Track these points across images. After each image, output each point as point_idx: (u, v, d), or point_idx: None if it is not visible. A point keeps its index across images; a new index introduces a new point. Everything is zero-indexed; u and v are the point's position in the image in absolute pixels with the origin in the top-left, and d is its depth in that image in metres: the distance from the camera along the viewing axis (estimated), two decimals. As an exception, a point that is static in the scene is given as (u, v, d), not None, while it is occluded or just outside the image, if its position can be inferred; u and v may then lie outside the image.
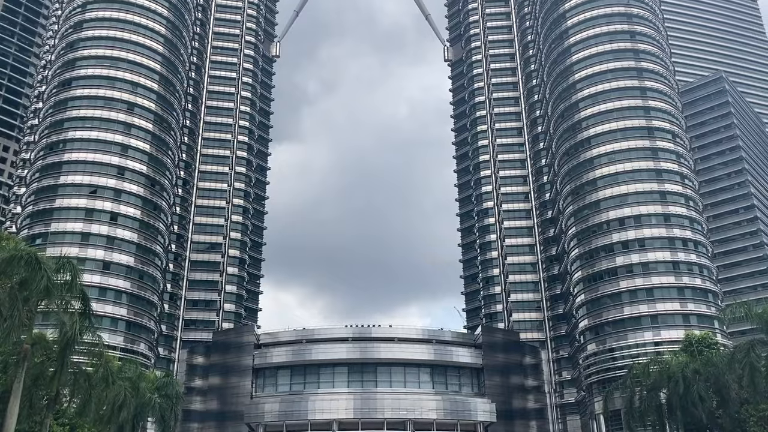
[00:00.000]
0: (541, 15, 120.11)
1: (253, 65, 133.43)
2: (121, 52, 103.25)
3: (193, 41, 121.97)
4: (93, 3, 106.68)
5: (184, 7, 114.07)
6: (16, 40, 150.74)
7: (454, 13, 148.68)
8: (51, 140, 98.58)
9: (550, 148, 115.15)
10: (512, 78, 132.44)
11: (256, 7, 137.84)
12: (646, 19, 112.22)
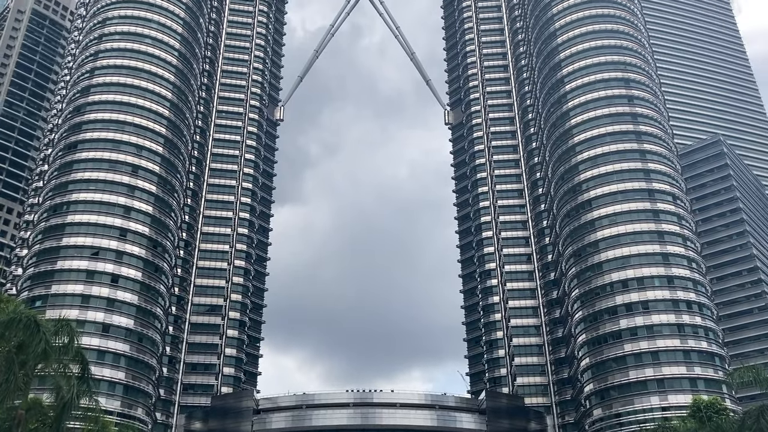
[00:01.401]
0: (540, 80, 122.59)
1: (257, 128, 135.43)
2: (127, 116, 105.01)
3: (199, 105, 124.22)
4: (101, 69, 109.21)
5: (190, 73, 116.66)
6: (25, 104, 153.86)
7: (454, 78, 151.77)
8: (55, 202, 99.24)
9: (551, 210, 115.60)
10: (512, 141, 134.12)
11: (260, 73, 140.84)
12: (643, 83, 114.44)
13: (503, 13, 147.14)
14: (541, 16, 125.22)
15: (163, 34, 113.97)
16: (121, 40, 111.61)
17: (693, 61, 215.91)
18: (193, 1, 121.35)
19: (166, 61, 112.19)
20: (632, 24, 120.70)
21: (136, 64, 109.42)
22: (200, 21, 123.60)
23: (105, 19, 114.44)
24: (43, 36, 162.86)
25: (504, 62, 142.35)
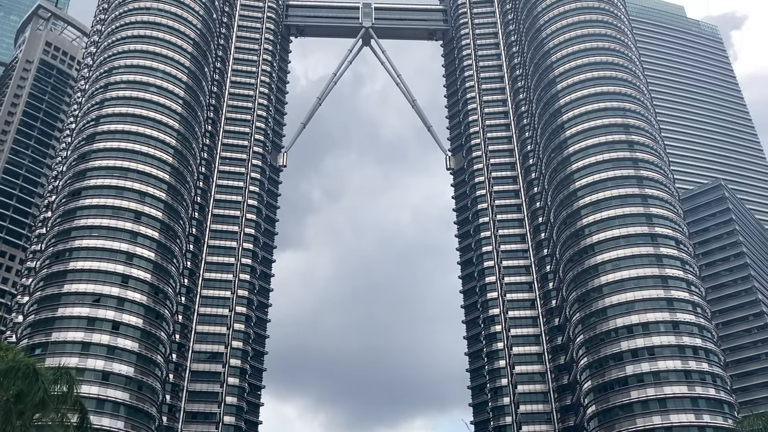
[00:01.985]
0: (540, 126, 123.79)
1: (260, 174, 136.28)
2: (131, 163, 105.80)
3: (202, 152, 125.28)
4: (106, 117, 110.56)
5: (194, 120, 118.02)
6: (30, 152, 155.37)
7: (455, 124, 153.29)
8: (57, 249, 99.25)
9: (554, 255, 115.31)
10: (514, 186, 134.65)
11: (264, 120, 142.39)
12: (643, 129, 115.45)
13: (503, 61, 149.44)
14: (540, 64, 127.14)
15: (168, 83, 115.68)
16: (127, 89, 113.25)
17: (692, 106, 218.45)
18: (198, 51, 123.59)
19: (171, 109, 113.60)
20: (631, 71, 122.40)
21: (140, 111, 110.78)
22: (205, 70, 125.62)
23: (111, 69, 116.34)
24: (50, 85, 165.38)
25: (504, 108, 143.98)
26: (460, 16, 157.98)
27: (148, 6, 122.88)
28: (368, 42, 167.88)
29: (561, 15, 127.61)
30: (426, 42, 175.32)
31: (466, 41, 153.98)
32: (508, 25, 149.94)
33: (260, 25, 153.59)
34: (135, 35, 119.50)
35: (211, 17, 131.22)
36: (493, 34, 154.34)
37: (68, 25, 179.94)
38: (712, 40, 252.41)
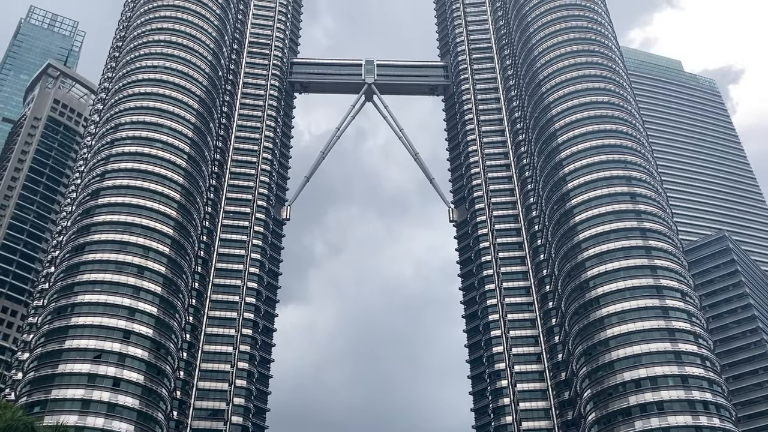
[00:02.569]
0: (542, 178, 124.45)
1: (263, 228, 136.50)
2: (135, 218, 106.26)
3: (207, 206, 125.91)
4: (111, 172, 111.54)
5: (199, 175, 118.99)
6: (36, 207, 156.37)
7: (457, 177, 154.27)
8: (59, 304, 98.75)
9: (560, 307, 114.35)
10: (517, 238, 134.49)
11: (268, 174, 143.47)
12: (645, 181, 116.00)
13: (503, 115, 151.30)
14: (540, 118, 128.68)
15: (174, 139, 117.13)
16: (132, 145, 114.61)
17: (692, 158, 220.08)
18: (203, 108, 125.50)
19: (176, 164, 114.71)
20: (631, 124, 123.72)
21: (146, 167, 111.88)
22: (210, 126, 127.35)
23: (117, 125, 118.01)
24: (57, 141, 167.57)
25: (506, 161, 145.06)
26: (460, 72, 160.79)
27: (156, 64, 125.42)
28: (371, 97, 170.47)
29: (560, 70, 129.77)
30: (427, 97, 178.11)
31: (467, 96, 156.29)
32: (508, 80, 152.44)
33: (265, 82, 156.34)
34: (142, 92, 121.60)
35: (216, 75, 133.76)
36: (493, 89, 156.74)
37: (76, 83, 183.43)
38: (711, 94, 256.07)
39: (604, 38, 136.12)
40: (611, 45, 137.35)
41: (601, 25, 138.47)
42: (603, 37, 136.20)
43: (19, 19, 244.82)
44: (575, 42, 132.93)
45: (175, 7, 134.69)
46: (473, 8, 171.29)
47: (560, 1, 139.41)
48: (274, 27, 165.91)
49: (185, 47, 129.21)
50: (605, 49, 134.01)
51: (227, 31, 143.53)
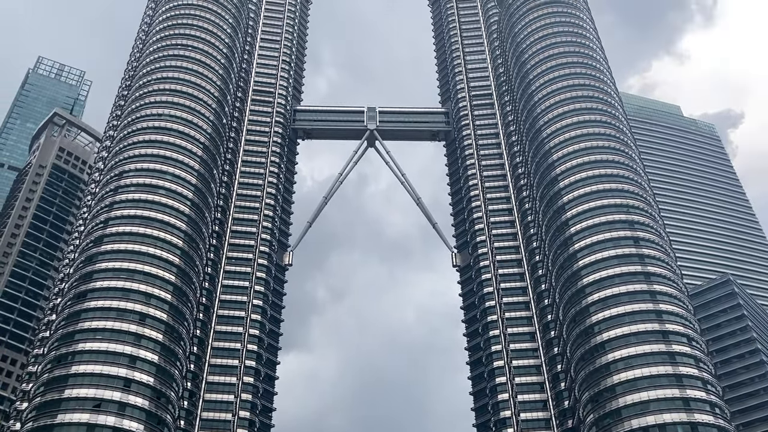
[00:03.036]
0: (545, 222, 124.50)
1: (266, 274, 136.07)
2: (138, 264, 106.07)
3: (209, 252, 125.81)
4: (114, 219, 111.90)
5: (201, 221, 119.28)
6: (38, 254, 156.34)
7: (459, 221, 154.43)
8: (60, 352, 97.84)
9: (565, 353, 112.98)
10: (521, 283, 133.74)
11: (271, 220, 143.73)
12: (648, 225, 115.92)
13: (505, 160, 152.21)
14: (541, 162, 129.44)
15: (178, 186, 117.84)
16: (136, 191, 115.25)
17: (694, 202, 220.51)
18: (207, 155, 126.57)
19: (179, 210, 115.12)
20: (632, 168, 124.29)
21: (149, 213, 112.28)
22: (214, 173, 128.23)
23: (122, 172, 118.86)
24: (61, 189, 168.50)
25: (508, 206, 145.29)
26: (461, 118, 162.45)
27: (160, 113, 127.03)
28: (373, 143, 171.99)
29: (560, 116, 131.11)
30: (429, 142, 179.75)
31: (468, 141, 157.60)
32: (508, 125, 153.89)
33: (268, 129, 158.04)
34: (146, 140, 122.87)
35: (220, 122, 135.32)
36: (494, 134, 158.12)
37: (82, 131, 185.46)
38: (710, 138, 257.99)
39: (602, 84, 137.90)
40: (610, 91, 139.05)
41: (599, 71, 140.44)
42: (602, 83, 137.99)
43: (27, 70, 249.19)
44: (574, 88, 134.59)
45: (181, 57, 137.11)
46: (473, 56, 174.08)
47: (559, 49, 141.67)
48: (277, 75, 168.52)
49: (190, 96, 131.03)
50: (604, 95, 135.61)
51: (231, 80, 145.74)
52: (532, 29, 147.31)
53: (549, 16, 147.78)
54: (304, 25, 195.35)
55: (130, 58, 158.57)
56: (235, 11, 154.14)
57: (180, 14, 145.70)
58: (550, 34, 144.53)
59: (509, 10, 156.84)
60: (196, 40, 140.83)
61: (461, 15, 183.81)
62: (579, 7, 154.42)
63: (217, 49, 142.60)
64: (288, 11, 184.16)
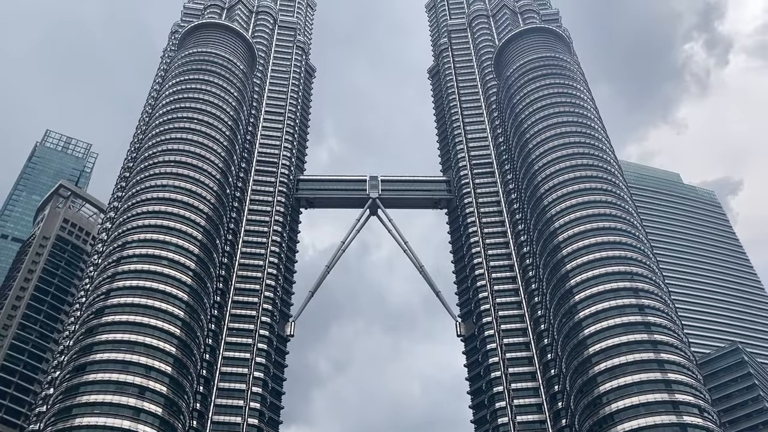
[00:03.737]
0: (549, 290, 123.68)
1: (267, 346, 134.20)
2: (138, 336, 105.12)
3: (210, 323, 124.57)
4: (116, 290, 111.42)
5: (204, 292, 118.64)
6: (39, 327, 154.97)
7: (463, 290, 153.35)
8: (56, 428, 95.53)
9: (573, 426, 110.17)
10: (527, 353, 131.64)
11: (273, 289, 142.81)
12: (653, 293, 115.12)
13: (507, 228, 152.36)
14: (544, 230, 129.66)
15: (180, 256, 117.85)
16: (139, 263, 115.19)
17: (698, 270, 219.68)
18: (210, 225, 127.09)
19: (181, 281, 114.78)
20: (634, 235, 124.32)
21: (151, 284, 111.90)
22: (216, 243, 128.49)
23: (125, 243, 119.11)
24: (64, 260, 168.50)
25: (512, 274, 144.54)
26: (463, 186, 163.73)
27: (164, 183, 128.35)
28: (375, 212, 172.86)
29: (561, 184, 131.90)
30: (431, 210, 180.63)
31: (470, 209, 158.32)
32: (510, 193, 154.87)
33: (272, 198, 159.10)
34: (150, 211, 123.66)
35: (224, 193, 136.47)
36: (495, 202, 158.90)
37: (86, 203, 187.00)
38: (711, 205, 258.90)
39: (602, 152, 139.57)
40: (609, 159, 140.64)
41: (598, 139, 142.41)
42: (601, 151, 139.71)
43: (35, 143, 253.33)
44: (574, 156, 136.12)
45: (186, 129, 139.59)
46: (473, 125, 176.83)
47: (558, 119, 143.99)
48: (281, 146, 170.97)
49: (194, 167, 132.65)
50: (604, 163, 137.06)
51: (236, 151, 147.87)
52: (530, 100, 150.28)
53: (547, 87, 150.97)
54: (308, 96, 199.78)
55: (137, 130, 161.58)
56: (241, 85, 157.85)
57: (187, 88, 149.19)
58: (548, 104, 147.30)
59: (507, 81, 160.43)
60: (202, 113, 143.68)
61: (460, 86, 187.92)
62: (575, 78, 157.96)
63: (223, 121, 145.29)
64: (292, 84, 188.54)
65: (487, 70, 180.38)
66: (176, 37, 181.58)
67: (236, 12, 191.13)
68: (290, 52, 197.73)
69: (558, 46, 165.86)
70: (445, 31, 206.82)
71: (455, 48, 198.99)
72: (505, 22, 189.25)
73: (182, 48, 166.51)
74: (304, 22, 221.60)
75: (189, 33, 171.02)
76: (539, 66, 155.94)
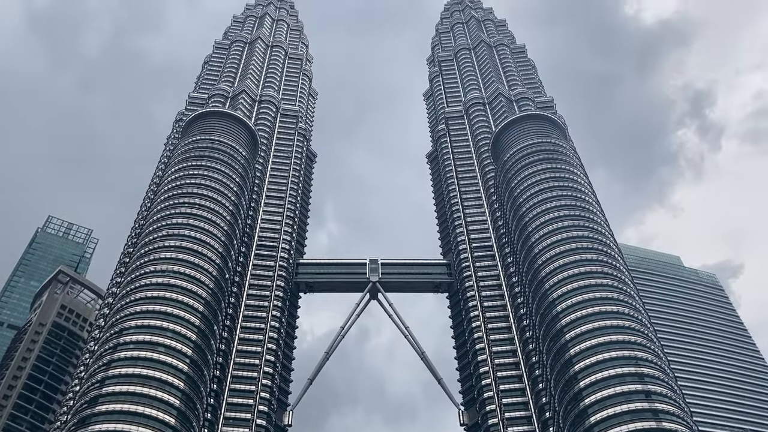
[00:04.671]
0: (553, 377, 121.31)
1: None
2: (132, 426, 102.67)
3: (206, 413, 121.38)
4: (111, 378, 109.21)
5: (200, 380, 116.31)
6: (30, 417, 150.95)
7: (466, 376, 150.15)
8: None
9: None
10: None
11: (271, 377, 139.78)
12: (659, 378, 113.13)
13: (509, 312, 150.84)
14: (546, 314, 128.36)
15: (177, 342, 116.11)
16: (135, 349, 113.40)
17: (704, 354, 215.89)
18: (208, 310, 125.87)
19: (178, 368, 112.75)
20: (637, 319, 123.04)
21: (147, 372, 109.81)
22: (214, 329, 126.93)
23: (122, 330, 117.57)
24: (59, 347, 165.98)
25: (515, 360, 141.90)
26: (463, 270, 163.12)
27: (164, 269, 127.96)
28: (375, 296, 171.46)
29: (561, 267, 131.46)
30: (430, 294, 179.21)
31: (471, 293, 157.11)
32: (510, 277, 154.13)
33: (271, 283, 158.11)
34: (148, 296, 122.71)
35: (224, 278, 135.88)
36: (496, 286, 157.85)
37: (85, 288, 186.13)
38: (713, 288, 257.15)
39: (601, 235, 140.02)
40: (609, 242, 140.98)
41: (597, 223, 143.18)
42: (601, 234, 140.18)
43: (36, 228, 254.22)
44: (574, 240, 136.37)
45: (187, 214, 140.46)
46: (472, 208, 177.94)
47: (556, 203, 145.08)
48: (281, 230, 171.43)
49: (194, 252, 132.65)
50: (604, 246, 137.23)
51: (236, 236, 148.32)
52: (528, 183, 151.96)
53: (544, 171, 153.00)
54: (308, 181, 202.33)
55: (138, 216, 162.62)
56: (243, 171, 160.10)
57: (189, 174, 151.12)
58: (547, 188, 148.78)
59: (505, 165, 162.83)
60: (204, 198, 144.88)
61: (459, 170, 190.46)
62: (572, 162, 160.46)
63: (224, 206, 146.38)
64: (293, 169, 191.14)
65: (485, 155, 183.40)
66: (180, 125, 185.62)
67: (240, 101, 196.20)
68: (292, 138, 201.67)
69: (554, 132, 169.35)
70: (443, 118, 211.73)
71: (453, 134, 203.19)
72: (501, 110, 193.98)
73: (186, 135, 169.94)
74: (306, 109, 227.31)
75: (193, 121, 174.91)
76: (536, 151, 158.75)
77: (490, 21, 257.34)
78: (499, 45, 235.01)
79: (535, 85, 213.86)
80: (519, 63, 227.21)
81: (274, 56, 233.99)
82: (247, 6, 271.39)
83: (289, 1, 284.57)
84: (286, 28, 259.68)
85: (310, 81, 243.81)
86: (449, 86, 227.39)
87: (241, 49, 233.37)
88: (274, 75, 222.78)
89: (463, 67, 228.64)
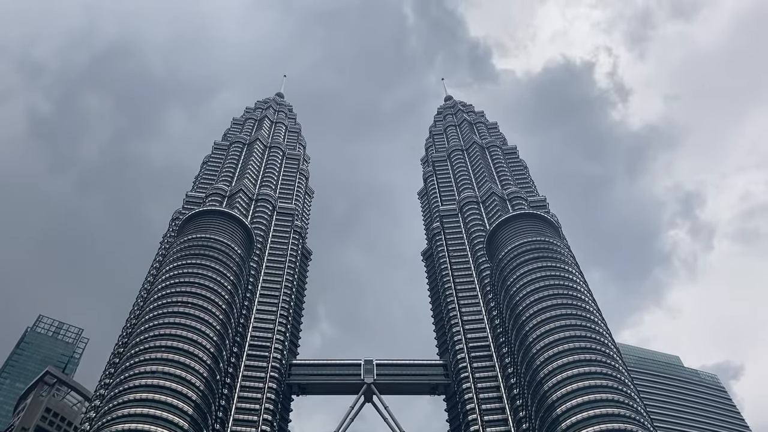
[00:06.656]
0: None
1: None
2: None
3: None
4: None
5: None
6: None
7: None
8: None
9: None
10: None
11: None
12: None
13: (508, 415, 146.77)
14: (546, 418, 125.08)
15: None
16: None
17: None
18: (198, 413, 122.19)
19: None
20: (638, 422, 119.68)
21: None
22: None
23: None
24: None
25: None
26: (460, 371, 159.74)
27: (154, 370, 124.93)
28: (370, 398, 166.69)
29: (561, 368, 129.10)
30: (427, 397, 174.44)
31: (468, 395, 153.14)
32: (508, 378, 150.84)
33: (263, 384, 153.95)
34: (136, 399, 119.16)
35: (214, 379, 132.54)
36: (494, 387, 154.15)
37: (72, 390, 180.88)
38: (715, 389, 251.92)
39: (599, 335, 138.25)
40: (608, 342, 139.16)
41: (595, 323, 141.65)
42: (599, 334, 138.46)
43: (26, 328, 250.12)
44: (572, 339, 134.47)
45: (180, 314, 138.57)
46: (468, 307, 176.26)
47: (552, 301, 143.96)
48: (275, 329, 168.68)
49: (185, 352, 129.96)
50: (603, 346, 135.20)
51: (229, 336, 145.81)
52: (524, 282, 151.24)
53: (539, 270, 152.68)
54: (303, 279, 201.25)
55: (130, 315, 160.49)
56: (237, 269, 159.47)
57: (183, 273, 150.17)
58: (542, 287, 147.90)
59: (500, 263, 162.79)
60: (197, 297, 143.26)
61: (454, 267, 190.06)
62: (567, 261, 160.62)
63: (217, 306, 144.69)
64: (288, 267, 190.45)
65: (480, 253, 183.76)
66: (177, 223, 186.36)
67: (237, 199, 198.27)
68: (287, 236, 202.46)
69: (548, 231, 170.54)
70: (438, 216, 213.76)
71: (448, 231, 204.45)
72: (494, 208, 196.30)
73: (182, 234, 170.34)
74: (302, 207, 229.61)
75: (189, 219, 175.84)
76: (531, 249, 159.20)
77: (482, 123, 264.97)
78: (491, 146, 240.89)
79: (527, 185, 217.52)
80: (511, 163, 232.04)
81: (272, 156, 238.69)
82: (247, 109, 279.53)
83: (288, 104, 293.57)
84: (285, 129, 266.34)
85: (307, 180, 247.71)
86: (443, 185, 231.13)
87: (240, 149, 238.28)
88: (272, 174, 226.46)
89: (457, 167, 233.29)
